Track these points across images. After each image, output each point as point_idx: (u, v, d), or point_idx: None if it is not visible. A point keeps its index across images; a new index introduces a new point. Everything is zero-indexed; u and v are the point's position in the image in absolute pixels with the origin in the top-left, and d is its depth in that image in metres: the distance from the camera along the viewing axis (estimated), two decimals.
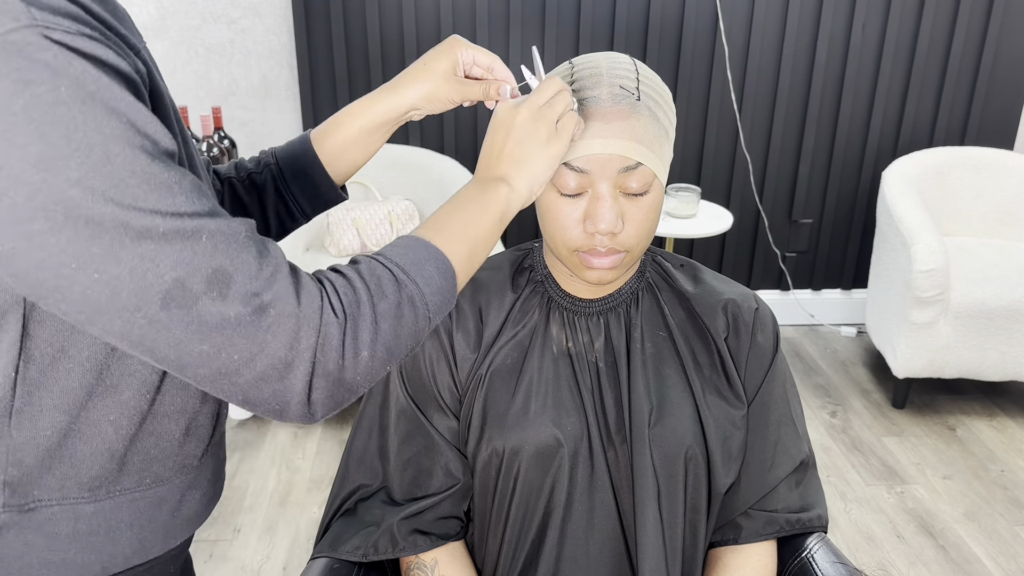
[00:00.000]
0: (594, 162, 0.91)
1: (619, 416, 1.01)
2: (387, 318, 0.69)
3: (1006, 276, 2.59)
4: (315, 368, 0.66)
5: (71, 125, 0.56)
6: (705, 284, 1.08)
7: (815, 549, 1.06)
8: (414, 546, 1.02)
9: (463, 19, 2.86)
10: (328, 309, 0.66)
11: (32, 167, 0.56)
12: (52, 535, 0.73)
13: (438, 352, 1.04)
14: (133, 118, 0.60)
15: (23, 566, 0.73)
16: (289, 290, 0.65)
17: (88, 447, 0.73)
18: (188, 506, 0.83)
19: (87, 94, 0.57)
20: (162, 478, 0.79)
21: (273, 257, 0.66)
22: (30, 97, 0.55)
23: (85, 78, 0.57)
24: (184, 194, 0.61)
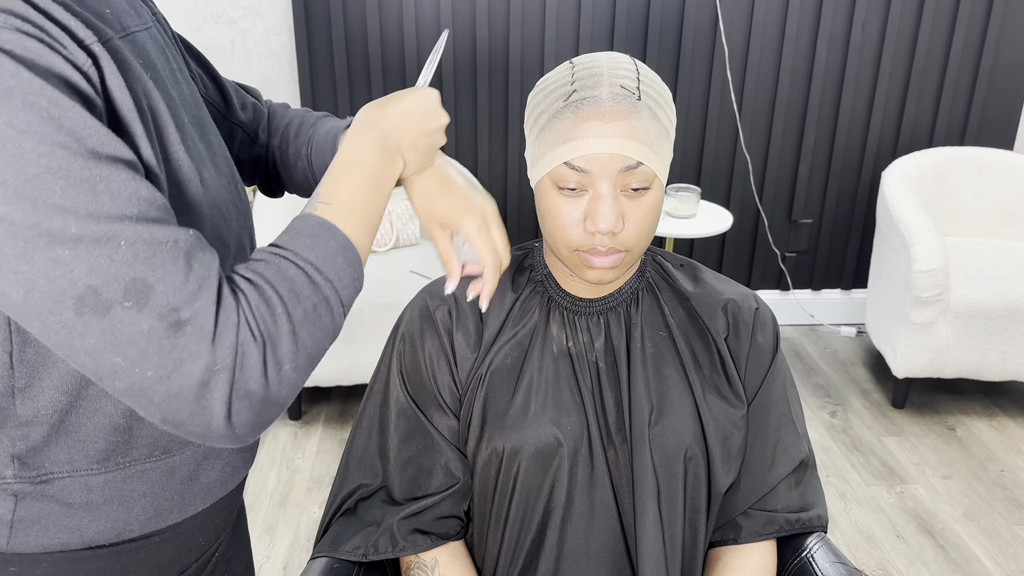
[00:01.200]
0: (595, 161, 0.91)
1: (619, 416, 1.01)
2: (304, 324, 0.67)
3: (1006, 276, 2.59)
4: (234, 389, 0.63)
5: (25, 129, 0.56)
6: (705, 284, 1.09)
7: (815, 549, 1.07)
8: (414, 545, 1.02)
9: (463, 19, 2.86)
10: (244, 328, 0.63)
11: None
12: (66, 504, 0.75)
13: (438, 352, 1.04)
14: (54, 113, 0.58)
15: (40, 530, 0.74)
16: (210, 309, 0.62)
17: (92, 423, 0.74)
18: (206, 475, 0.83)
19: (4, 89, 0.56)
20: (172, 449, 0.79)
21: (203, 271, 0.63)
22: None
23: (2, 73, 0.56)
24: (109, 194, 0.59)
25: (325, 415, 2.73)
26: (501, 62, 2.93)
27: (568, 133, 0.91)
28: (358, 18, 2.83)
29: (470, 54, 2.91)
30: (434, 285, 1.08)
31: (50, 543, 0.74)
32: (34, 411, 0.72)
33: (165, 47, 0.79)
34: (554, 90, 0.95)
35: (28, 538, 0.74)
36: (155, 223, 0.61)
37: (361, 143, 0.80)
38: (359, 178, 0.77)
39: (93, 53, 0.63)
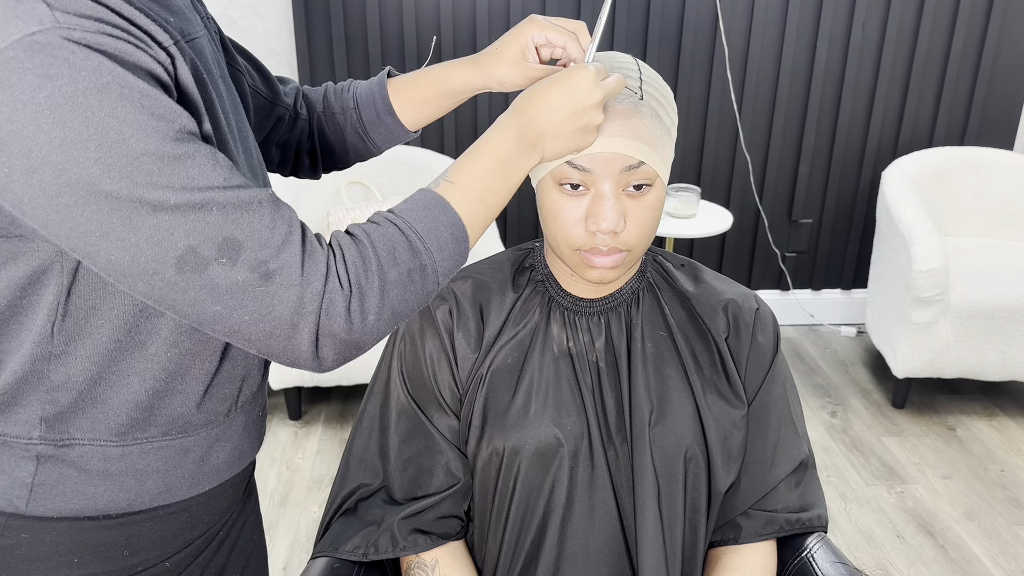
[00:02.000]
0: (597, 161, 0.91)
1: (619, 416, 1.01)
2: (396, 285, 0.75)
3: (1006, 276, 2.59)
4: (320, 329, 0.71)
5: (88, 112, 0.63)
6: (706, 284, 1.09)
7: (815, 549, 1.07)
8: (414, 545, 1.02)
9: (463, 19, 2.86)
10: (334, 277, 0.72)
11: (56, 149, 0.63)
12: (84, 470, 0.79)
13: (439, 351, 1.04)
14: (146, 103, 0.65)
15: (58, 494, 0.79)
16: (296, 259, 0.70)
17: (116, 396, 0.80)
18: (216, 456, 0.88)
19: (103, 84, 0.63)
20: (188, 430, 0.85)
21: (285, 226, 0.71)
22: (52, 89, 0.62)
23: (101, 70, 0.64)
24: (198, 167, 0.67)
25: (325, 415, 2.73)
26: None
27: None
28: (358, 18, 2.83)
29: (469, 54, 2.90)
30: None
31: (65, 508, 0.79)
32: (66, 377, 0.78)
33: (215, 51, 0.85)
34: None
35: (46, 501, 0.78)
36: (239, 188, 0.69)
37: (499, 129, 0.85)
38: (487, 163, 0.83)
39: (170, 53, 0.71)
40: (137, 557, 0.83)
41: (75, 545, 0.80)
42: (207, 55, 0.80)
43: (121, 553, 0.82)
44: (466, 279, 1.07)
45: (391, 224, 0.76)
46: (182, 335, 0.80)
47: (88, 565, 0.80)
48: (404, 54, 2.88)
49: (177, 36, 0.73)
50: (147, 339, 0.79)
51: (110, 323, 0.77)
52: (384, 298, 0.74)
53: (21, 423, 0.78)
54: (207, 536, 0.90)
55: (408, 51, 2.87)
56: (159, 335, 0.79)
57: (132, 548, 0.83)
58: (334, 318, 0.71)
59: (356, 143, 1.09)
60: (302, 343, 0.71)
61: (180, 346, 0.81)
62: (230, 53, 0.98)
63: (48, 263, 0.73)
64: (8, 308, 0.75)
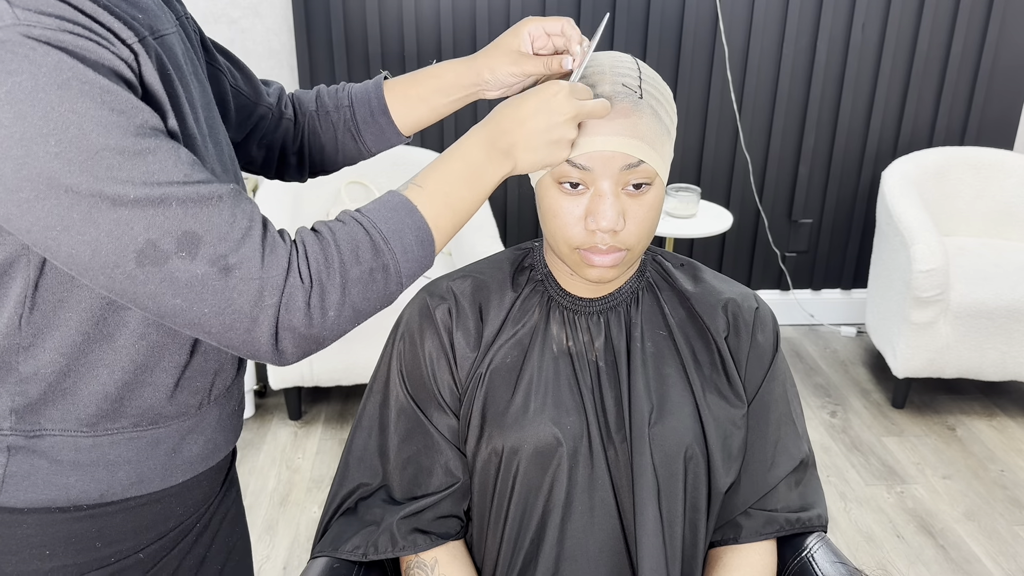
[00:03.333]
0: (596, 159, 0.91)
1: (619, 415, 1.01)
2: (357, 283, 0.76)
3: (1006, 276, 2.59)
4: (279, 323, 0.73)
5: (48, 107, 0.64)
6: (705, 283, 1.09)
7: (815, 549, 1.06)
8: (414, 545, 1.02)
9: (463, 19, 2.86)
10: (295, 272, 0.73)
11: (16, 144, 0.64)
12: (55, 461, 0.80)
13: (438, 351, 1.04)
14: (107, 98, 0.66)
15: (30, 485, 0.79)
16: (256, 253, 0.71)
17: (86, 387, 0.80)
18: (188, 449, 0.89)
19: (63, 80, 0.64)
20: (158, 422, 0.85)
21: (246, 220, 0.72)
22: (12, 85, 0.63)
23: (61, 66, 0.64)
24: (158, 163, 0.68)
25: (325, 415, 2.73)
26: None
27: None
28: (358, 18, 2.83)
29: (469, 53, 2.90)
30: (434, 284, 1.08)
31: (37, 498, 0.80)
32: (35, 369, 0.78)
33: (188, 50, 0.85)
34: None
35: (18, 492, 0.79)
36: (200, 183, 0.70)
37: (472, 137, 0.86)
38: (457, 168, 0.84)
39: (134, 50, 0.71)
40: (110, 548, 0.84)
41: (47, 537, 0.80)
42: (177, 52, 0.80)
43: (93, 544, 0.83)
44: (465, 278, 1.06)
45: (356, 223, 0.78)
46: (150, 328, 0.81)
47: (60, 557, 0.81)
48: (404, 54, 2.88)
49: (144, 32, 0.74)
50: (115, 331, 0.79)
51: (78, 315, 0.78)
52: (345, 295, 0.75)
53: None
54: (182, 528, 0.91)
55: (408, 51, 2.87)
56: (127, 327, 0.80)
57: (104, 540, 0.83)
58: (294, 312, 0.73)
59: (347, 143, 1.10)
60: (261, 336, 0.73)
61: (148, 338, 0.81)
62: (210, 53, 0.99)
63: (14, 256, 0.74)
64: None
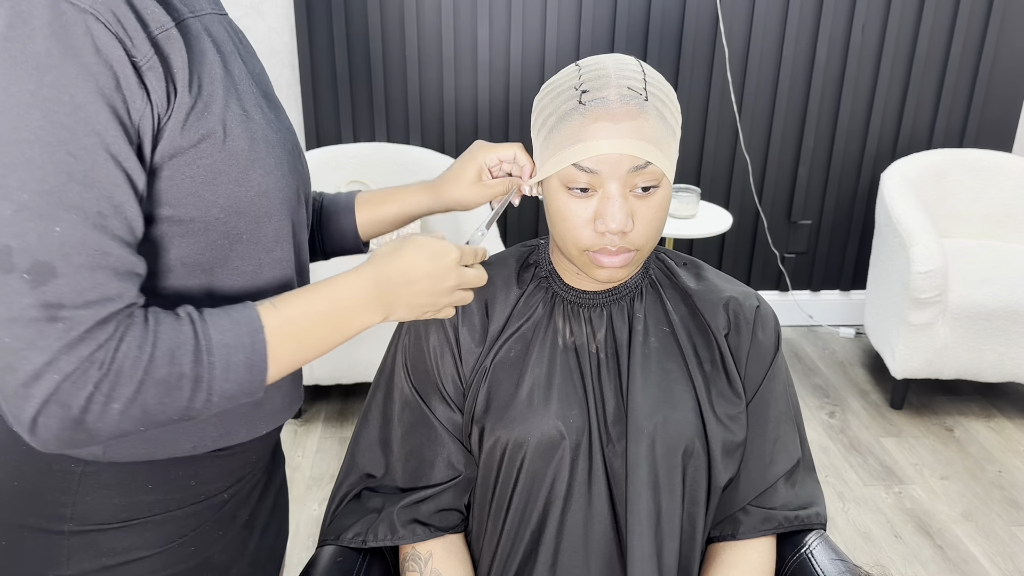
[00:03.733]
0: (604, 162, 0.92)
1: (618, 407, 1.02)
2: (159, 385, 0.71)
3: (1004, 278, 2.60)
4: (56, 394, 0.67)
5: (13, 80, 0.65)
6: (708, 281, 1.09)
7: (814, 546, 1.07)
8: (412, 535, 1.03)
9: (464, 19, 2.87)
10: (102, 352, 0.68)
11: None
12: None
13: (443, 345, 1.05)
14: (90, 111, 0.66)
15: (129, 443, 0.83)
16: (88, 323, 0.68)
17: None
18: (270, 403, 0.92)
19: (46, 65, 0.65)
20: None
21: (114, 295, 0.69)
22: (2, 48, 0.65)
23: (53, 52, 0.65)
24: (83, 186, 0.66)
25: (325, 413, 2.73)
26: (502, 63, 2.93)
27: (577, 134, 0.92)
28: (359, 17, 2.84)
29: (471, 56, 2.91)
30: None
31: (137, 453, 0.84)
32: None
33: (236, 34, 0.87)
34: (562, 92, 0.96)
35: (120, 450, 0.83)
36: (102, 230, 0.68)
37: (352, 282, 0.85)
38: (323, 306, 0.82)
39: (158, 42, 0.71)
40: (202, 487, 0.89)
41: (149, 476, 0.86)
42: (217, 31, 0.82)
43: (188, 483, 0.88)
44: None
45: (189, 323, 0.74)
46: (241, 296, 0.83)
47: (160, 492, 0.86)
48: (405, 53, 2.89)
49: (183, 13, 0.75)
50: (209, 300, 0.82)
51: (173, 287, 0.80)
52: (139, 392, 0.70)
53: None
54: (254, 473, 0.97)
55: (409, 51, 2.88)
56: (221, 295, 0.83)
57: (198, 480, 0.89)
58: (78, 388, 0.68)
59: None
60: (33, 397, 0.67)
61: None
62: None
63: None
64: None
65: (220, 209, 0.79)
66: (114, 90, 0.68)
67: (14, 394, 0.68)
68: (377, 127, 2.97)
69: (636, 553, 0.99)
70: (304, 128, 2.97)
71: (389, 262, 0.87)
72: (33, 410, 0.68)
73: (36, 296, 0.66)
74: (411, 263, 0.87)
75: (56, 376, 0.67)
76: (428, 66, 2.92)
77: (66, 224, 0.66)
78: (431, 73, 2.93)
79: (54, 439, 0.70)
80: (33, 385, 0.67)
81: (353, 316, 0.84)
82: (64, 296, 0.67)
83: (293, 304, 0.80)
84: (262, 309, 0.78)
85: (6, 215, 0.65)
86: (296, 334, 0.80)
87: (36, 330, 0.66)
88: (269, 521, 1.01)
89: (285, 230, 0.86)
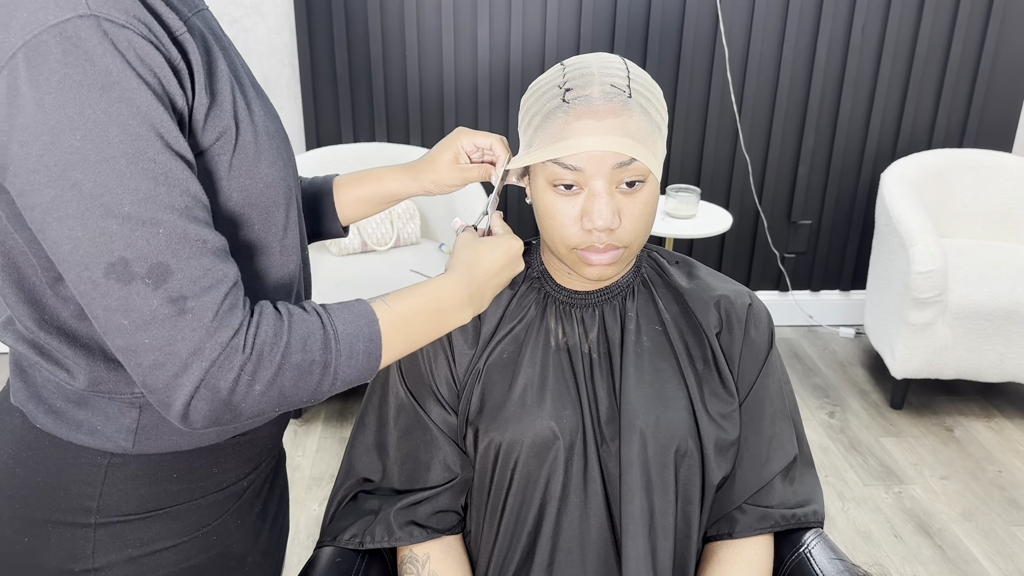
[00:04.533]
0: (588, 159, 0.92)
1: (611, 406, 1.02)
2: (293, 369, 0.78)
3: (1004, 278, 2.60)
4: (205, 379, 0.73)
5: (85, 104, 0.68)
6: (699, 280, 1.09)
7: (813, 545, 1.07)
8: (409, 536, 1.03)
9: (464, 19, 2.87)
10: (240, 336, 0.75)
11: (48, 130, 0.68)
12: None
13: (436, 347, 1.05)
14: (145, 111, 0.70)
15: (158, 435, 0.87)
16: (214, 306, 0.73)
17: None
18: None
19: (108, 83, 0.68)
20: None
21: (219, 275, 0.74)
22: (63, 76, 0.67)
23: (111, 71, 0.69)
24: (167, 186, 0.71)
25: (325, 413, 2.73)
26: (502, 63, 2.94)
27: (561, 132, 0.93)
28: (359, 17, 2.84)
29: (471, 56, 2.91)
30: None
31: (164, 445, 0.87)
32: None
33: (219, 26, 0.89)
34: (546, 91, 0.96)
35: (149, 442, 0.86)
36: (194, 221, 0.73)
37: (450, 282, 0.94)
38: (427, 306, 0.90)
39: (181, 43, 0.75)
40: (224, 475, 0.93)
41: (173, 466, 0.89)
42: (215, 25, 0.84)
43: (211, 471, 0.91)
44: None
45: (316, 315, 0.81)
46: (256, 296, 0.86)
47: (185, 481, 0.90)
48: (405, 52, 2.89)
49: (186, 13, 0.78)
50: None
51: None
52: (278, 375, 0.77)
53: (123, 381, 0.84)
54: (269, 460, 1.00)
55: (409, 50, 2.88)
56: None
57: (220, 467, 0.92)
58: (225, 372, 0.74)
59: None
60: (184, 385, 0.73)
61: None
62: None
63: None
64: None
65: (235, 203, 0.82)
66: (163, 93, 0.72)
67: (165, 386, 0.73)
68: (377, 127, 2.98)
69: (631, 552, 0.99)
70: (304, 128, 2.97)
71: (474, 265, 0.96)
72: (187, 396, 0.74)
73: (161, 295, 0.71)
74: (491, 261, 0.97)
75: (204, 363, 0.73)
76: (428, 66, 2.92)
77: (166, 224, 0.71)
78: (431, 73, 2.93)
79: (202, 419, 0.76)
80: (183, 375, 0.73)
81: (452, 314, 0.93)
82: (185, 288, 0.72)
83: (403, 302, 0.88)
84: (375, 305, 0.86)
85: (113, 230, 0.69)
86: (404, 328, 0.87)
87: (172, 325, 0.72)
88: (277, 512, 1.04)
89: (292, 217, 0.89)
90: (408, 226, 2.79)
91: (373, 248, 2.74)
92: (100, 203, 0.69)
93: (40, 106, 0.67)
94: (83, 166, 0.68)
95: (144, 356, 0.72)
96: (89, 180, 0.68)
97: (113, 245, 0.70)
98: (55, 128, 0.68)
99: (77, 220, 0.69)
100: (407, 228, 2.80)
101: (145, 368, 0.73)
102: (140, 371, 0.74)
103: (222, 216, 0.82)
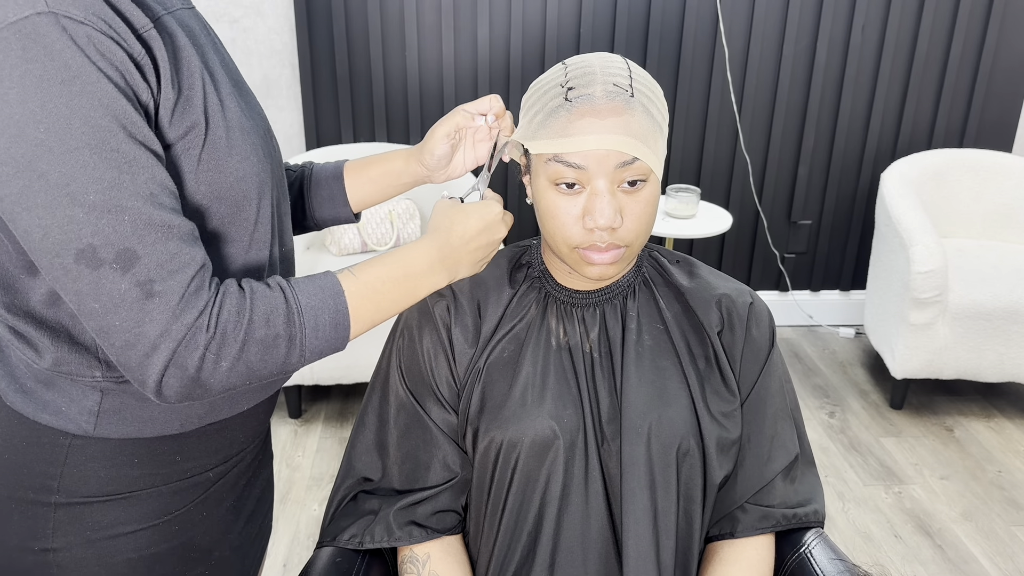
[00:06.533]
0: (590, 158, 0.92)
1: (612, 406, 1.02)
2: (257, 344, 0.80)
3: (1004, 278, 2.60)
4: (173, 358, 0.77)
5: (47, 97, 0.70)
6: (700, 279, 1.10)
7: (813, 545, 1.07)
8: (409, 536, 1.03)
9: (464, 19, 2.87)
10: (205, 317, 0.78)
11: (13, 124, 0.70)
12: (142, 398, 0.89)
13: (436, 346, 1.05)
14: (107, 102, 0.72)
15: (120, 420, 0.89)
16: (180, 289, 0.76)
17: None
18: None
19: (69, 77, 0.71)
20: None
21: (186, 258, 0.77)
22: (25, 71, 0.70)
23: (71, 65, 0.71)
24: (130, 175, 0.73)
25: (325, 413, 2.73)
26: (502, 63, 2.94)
27: (563, 130, 0.93)
28: (359, 17, 2.84)
29: (471, 56, 2.91)
30: None
31: (126, 431, 0.89)
32: None
33: (204, 26, 0.91)
34: (548, 89, 0.97)
35: (111, 426, 0.88)
36: (160, 207, 0.75)
37: (419, 249, 0.94)
38: (395, 272, 0.91)
39: (145, 40, 0.77)
40: (188, 464, 0.94)
41: (135, 450, 0.90)
42: (191, 25, 0.86)
43: (174, 459, 0.92)
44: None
45: (279, 290, 0.83)
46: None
47: (146, 466, 0.91)
48: (405, 53, 2.89)
49: (158, 11, 0.80)
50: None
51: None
52: (243, 351, 0.79)
53: (85, 364, 0.86)
54: (241, 454, 1.00)
55: (410, 50, 2.88)
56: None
57: (183, 456, 0.93)
58: (192, 351, 0.77)
59: (296, 204, 1.15)
60: (155, 364, 0.76)
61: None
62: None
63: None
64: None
65: (202, 196, 0.84)
66: (126, 86, 0.74)
67: (138, 365, 0.77)
68: (377, 127, 2.98)
69: (633, 552, 0.99)
70: (304, 128, 2.97)
71: (447, 230, 0.96)
72: (157, 375, 0.77)
73: (129, 280, 0.74)
74: (465, 226, 0.96)
75: (171, 344, 0.76)
76: (428, 67, 2.92)
77: (131, 211, 0.73)
78: (431, 74, 2.93)
79: (175, 395, 0.79)
80: (153, 355, 0.76)
81: (422, 280, 0.93)
82: (152, 272, 0.75)
83: (369, 271, 0.89)
84: (342, 276, 0.87)
85: (80, 218, 0.72)
86: (373, 297, 0.88)
87: (140, 308, 0.75)
88: (255, 511, 1.05)
89: (264, 211, 0.90)
90: (408, 226, 2.79)
91: (373, 248, 2.74)
92: (66, 192, 0.71)
93: (4, 101, 0.70)
94: (48, 157, 0.71)
95: (116, 337, 0.76)
96: (55, 171, 0.71)
97: (81, 232, 0.72)
98: (20, 121, 0.70)
99: (45, 209, 0.72)
100: (407, 228, 2.80)
101: (118, 348, 0.76)
102: (114, 351, 0.77)
103: (188, 207, 0.84)
